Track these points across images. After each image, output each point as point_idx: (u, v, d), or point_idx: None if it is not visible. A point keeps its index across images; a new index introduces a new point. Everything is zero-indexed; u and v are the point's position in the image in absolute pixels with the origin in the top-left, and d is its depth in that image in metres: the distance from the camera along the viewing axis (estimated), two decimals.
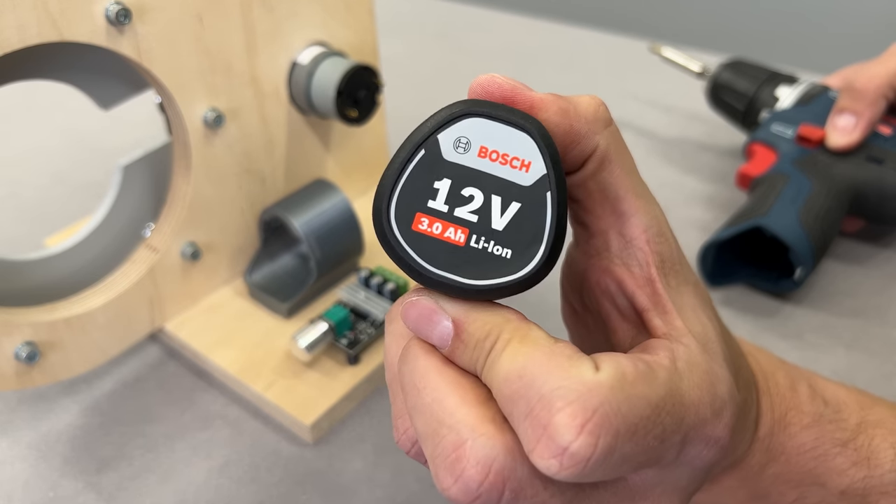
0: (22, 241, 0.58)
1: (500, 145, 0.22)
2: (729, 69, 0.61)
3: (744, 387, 0.29)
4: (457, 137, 0.23)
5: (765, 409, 0.31)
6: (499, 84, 0.24)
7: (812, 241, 0.48)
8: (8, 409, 0.45)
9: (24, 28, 0.35)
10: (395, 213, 0.23)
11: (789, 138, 0.54)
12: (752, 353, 0.32)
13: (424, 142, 0.23)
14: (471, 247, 0.23)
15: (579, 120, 0.24)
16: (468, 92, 0.24)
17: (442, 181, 0.23)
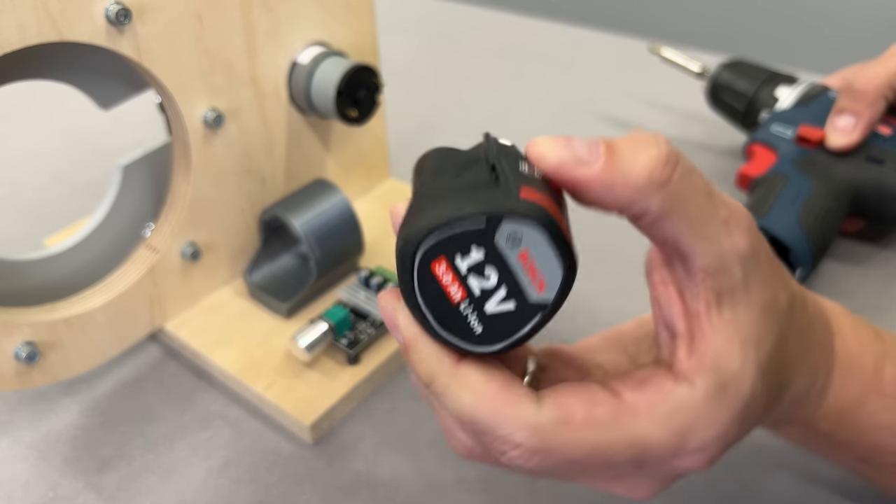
0: (22, 241, 0.58)
1: (538, 259, 0.25)
2: (729, 69, 0.61)
3: (808, 372, 0.30)
4: (513, 230, 0.24)
5: (836, 388, 0.31)
6: (545, 161, 0.26)
7: (812, 241, 0.48)
8: (8, 408, 0.45)
9: (24, 28, 0.35)
10: (428, 243, 0.25)
11: (789, 139, 0.54)
12: (847, 332, 0.32)
13: (491, 219, 0.24)
14: (458, 307, 0.26)
15: (627, 190, 0.25)
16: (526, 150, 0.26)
17: (479, 251, 0.25)
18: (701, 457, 0.26)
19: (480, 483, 0.40)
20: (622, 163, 0.25)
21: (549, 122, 0.72)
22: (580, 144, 0.26)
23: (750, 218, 0.27)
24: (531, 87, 0.78)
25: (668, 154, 0.25)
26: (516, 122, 0.72)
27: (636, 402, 0.26)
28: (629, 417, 0.25)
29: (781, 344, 0.28)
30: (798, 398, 0.31)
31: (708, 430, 0.26)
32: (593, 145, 0.26)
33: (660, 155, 0.25)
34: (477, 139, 0.32)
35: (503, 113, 0.73)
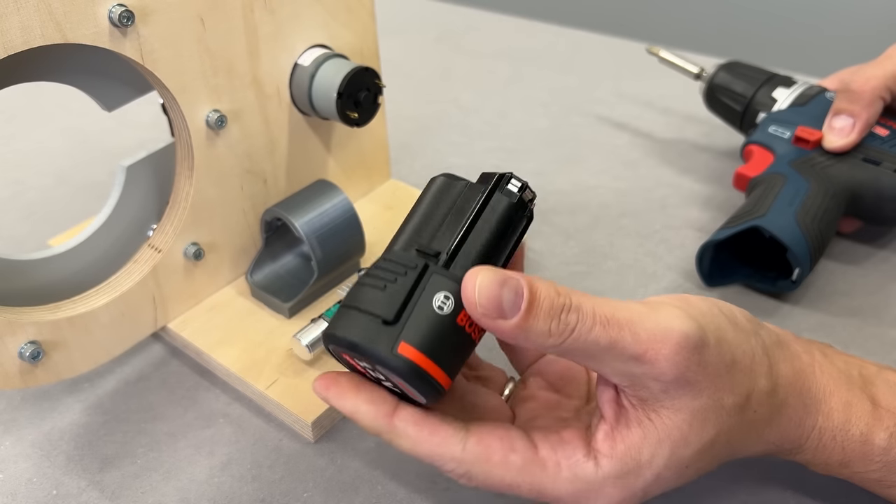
0: (26, 240, 0.59)
1: (410, 386, 0.31)
2: (726, 71, 0.62)
3: (769, 445, 0.35)
4: (387, 371, 0.31)
5: (818, 455, 0.35)
6: (472, 310, 0.30)
7: (810, 241, 0.48)
8: (12, 407, 0.45)
9: (28, 30, 0.35)
10: (333, 343, 0.32)
11: (786, 139, 0.55)
12: (835, 409, 0.34)
13: (368, 357, 0.31)
14: (375, 380, 0.33)
15: (533, 345, 0.30)
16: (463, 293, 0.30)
17: (369, 362, 0.31)
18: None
19: None
20: (532, 325, 0.29)
21: (547, 123, 0.72)
22: (507, 293, 0.29)
23: (677, 346, 0.29)
24: (530, 88, 0.78)
25: (563, 325, 0.29)
26: (515, 124, 0.72)
27: (547, 459, 0.31)
28: (537, 468, 0.31)
29: (722, 437, 0.32)
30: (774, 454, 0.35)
31: (597, 498, 0.31)
32: (517, 297, 0.29)
33: (554, 325, 0.29)
34: (475, 140, 0.33)
35: (502, 114, 0.74)
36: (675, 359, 0.29)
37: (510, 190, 0.33)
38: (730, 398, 0.31)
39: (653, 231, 0.58)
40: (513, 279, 0.29)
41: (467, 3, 0.96)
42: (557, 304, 0.29)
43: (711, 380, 0.31)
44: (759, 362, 0.33)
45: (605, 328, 0.29)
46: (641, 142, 0.69)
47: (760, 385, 0.32)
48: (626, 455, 0.31)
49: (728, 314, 0.33)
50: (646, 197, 0.62)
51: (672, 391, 0.30)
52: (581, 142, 0.69)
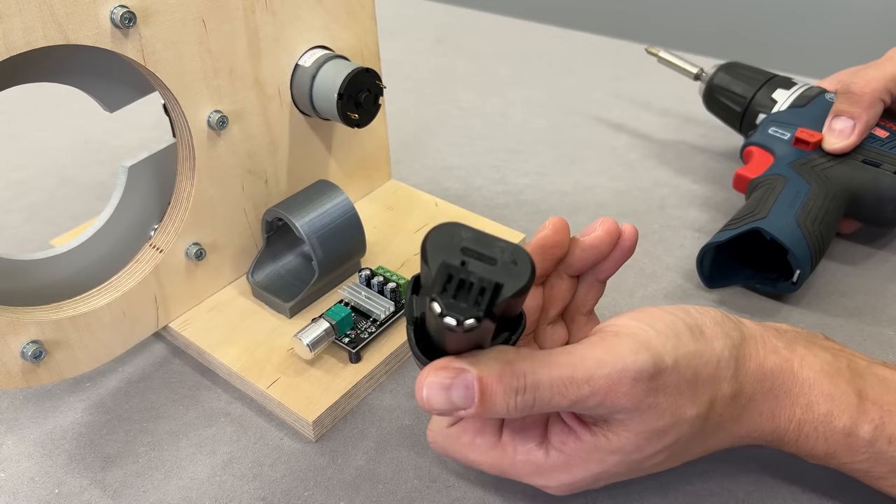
0: (28, 241, 0.59)
1: None
2: (725, 72, 0.62)
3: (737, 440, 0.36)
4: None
5: (801, 445, 0.35)
6: (430, 410, 0.31)
7: (810, 243, 0.48)
8: (14, 406, 0.45)
9: (30, 31, 0.35)
10: None
11: (786, 141, 0.55)
12: (815, 401, 0.35)
13: None
14: None
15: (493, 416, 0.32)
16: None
17: None
18: (547, 490, 0.35)
19: (481, 480, 0.40)
20: (489, 410, 0.30)
21: (546, 124, 0.73)
22: (457, 391, 0.30)
23: (633, 381, 0.31)
24: (529, 89, 0.78)
25: (521, 404, 0.30)
26: (515, 124, 0.72)
27: (507, 444, 0.35)
28: (498, 452, 0.35)
29: (682, 442, 0.33)
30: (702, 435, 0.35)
31: (548, 480, 0.35)
32: (467, 392, 0.30)
33: (511, 406, 0.30)
34: (476, 139, 0.33)
35: (502, 115, 0.74)
36: (633, 392, 0.31)
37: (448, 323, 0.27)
38: (691, 409, 0.33)
39: (651, 231, 0.58)
40: (460, 378, 0.30)
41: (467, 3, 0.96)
42: (511, 388, 0.30)
43: (672, 398, 0.32)
44: (725, 367, 0.33)
45: (563, 395, 0.31)
46: (640, 142, 0.69)
47: (724, 390, 0.33)
48: (574, 454, 0.34)
49: (693, 324, 0.34)
50: (644, 197, 0.62)
51: (635, 417, 0.32)
52: (580, 142, 0.69)
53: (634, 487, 0.39)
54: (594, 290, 0.38)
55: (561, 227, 0.36)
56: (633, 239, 0.36)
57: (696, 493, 0.39)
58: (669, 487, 0.39)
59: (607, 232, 0.36)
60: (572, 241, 0.36)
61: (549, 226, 0.35)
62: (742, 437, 0.35)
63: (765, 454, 0.41)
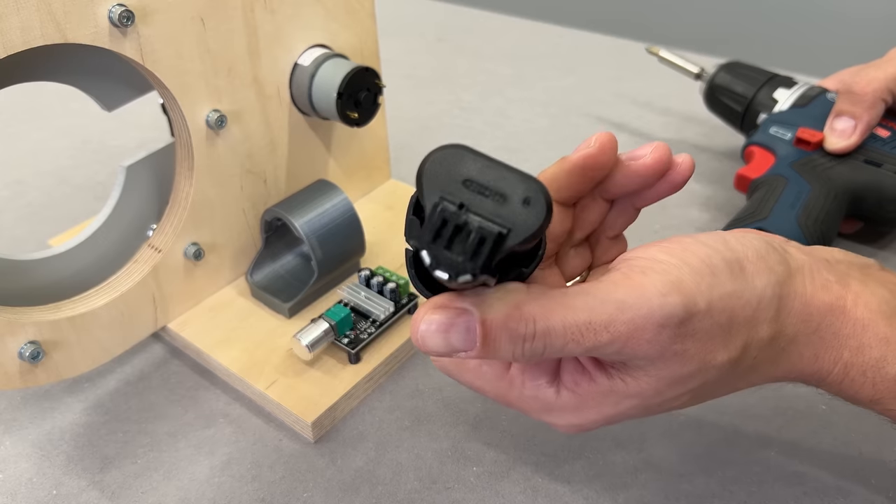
0: (26, 241, 0.59)
1: None
2: (726, 71, 0.62)
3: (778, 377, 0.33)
4: None
5: (851, 378, 0.32)
6: (427, 350, 0.28)
7: (811, 244, 0.48)
8: (12, 407, 0.45)
9: (28, 30, 0.35)
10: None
11: (788, 141, 0.55)
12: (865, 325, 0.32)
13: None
14: None
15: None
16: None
17: None
18: (554, 426, 0.33)
19: (481, 481, 0.40)
20: (493, 354, 0.28)
21: (547, 123, 0.72)
22: (456, 334, 0.27)
23: (659, 328, 0.28)
24: (530, 88, 0.78)
25: (530, 352, 0.28)
26: (516, 124, 0.72)
27: (514, 377, 0.32)
28: (504, 384, 0.32)
29: (707, 386, 0.31)
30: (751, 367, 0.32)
31: (555, 419, 0.32)
32: (468, 334, 0.27)
33: (518, 352, 0.28)
34: (477, 139, 0.32)
35: (502, 114, 0.74)
36: (656, 339, 0.28)
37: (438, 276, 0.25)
38: (722, 355, 0.29)
39: (652, 231, 0.58)
40: (461, 320, 0.27)
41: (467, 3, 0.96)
42: (518, 335, 0.27)
43: (702, 344, 0.29)
44: (766, 307, 0.30)
45: (578, 343, 0.27)
46: (641, 142, 0.69)
47: (761, 333, 0.30)
48: (587, 396, 0.31)
49: (732, 258, 0.30)
50: None
51: (658, 363, 0.29)
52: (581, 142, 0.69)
53: (636, 487, 0.39)
54: (626, 214, 0.35)
55: (609, 147, 0.32)
56: (686, 174, 0.32)
57: (698, 493, 0.39)
58: (671, 487, 0.39)
59: (658, 160, 0.32)
60: (617, 163, 0.33)
61: (596, 143, 0.32)
62: (775, 378, 0.32)
63: (767, 456, 0.41)
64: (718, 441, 0.42)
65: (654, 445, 0.41)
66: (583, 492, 0.39)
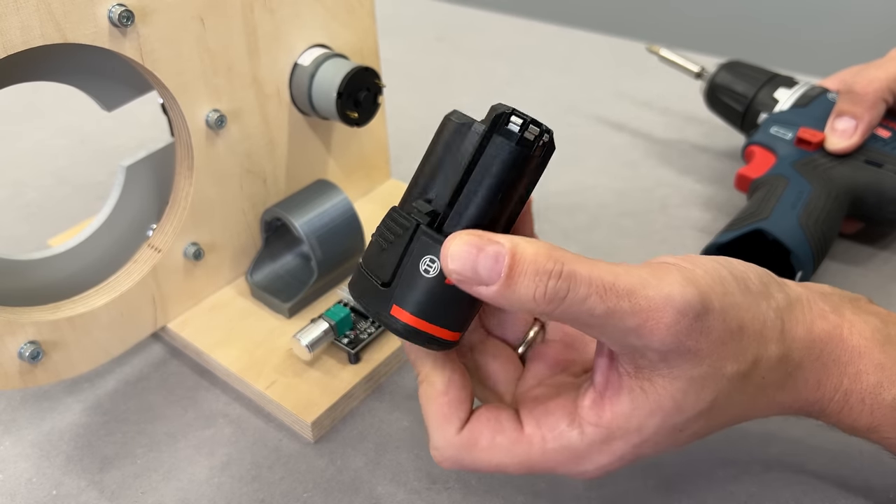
0: (25, 240, 0.59)
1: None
2: (727, 70, 0.61)
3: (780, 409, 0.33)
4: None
5: (843, 417, 0.33)
6: (450, 272, 0.28)
7: (812, 244, 0.48)
8: (11, 407, 0.45)
9: (28, 29, 0.35)
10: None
11: (788, 140, 0.55)
12: (864, 371, 0.33)
13: (376, 319, 0.32)
14: None
15: (520, 309, 0.29)
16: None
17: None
18: (585, 477, 0.32)
19: (481, 482, 0.40)
20: (514, 291, 0.27)
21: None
22: (485, 260, 0.27)
23: (678, 314, 0.28)
24: (529, 88, 0.78)
25: (552, 293, 0.27)
26: None
27: (532, 435, 0.31)
28: (524, 446, 0.31)
29: (720, 403, 0.31)
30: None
31: (586, 465, 0.31)
32: (496, 264, 0.27)
33: (540, 292, 0.27)
34: None
35: None
36: (676, 328, 0.28)
37: (509, 130, 0.30)
38: (732, 366, 0.30)
39: (653, 231, 0.58)
40: (493, 245, 0.27)
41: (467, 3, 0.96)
42: (545, 270, 0.27)
43: (714, 347, 0.29)
44: (771, 327, 0.31)
45: (601, 298, 0.27)
46: (641, 142, 0.69)
47: (770, 351, 0.31)
48: (613, 423, 0.30)
49: (739, 276, 0.31)
50: (646, 197, 0.62)
51: (671, 360, 0.29)
52: (580, 141, 0.69)
53: (636, 490, 0.39)
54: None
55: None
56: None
57: (700, 495, 0.39)
58: (672, 490, 0.39)
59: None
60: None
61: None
62: (783, 407, 0.33)
63: (768, 456, 0.40)
64: (718, 441, 0.41)
65: None
66: (582, 492, 0.39)
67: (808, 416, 0.34)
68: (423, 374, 0.33)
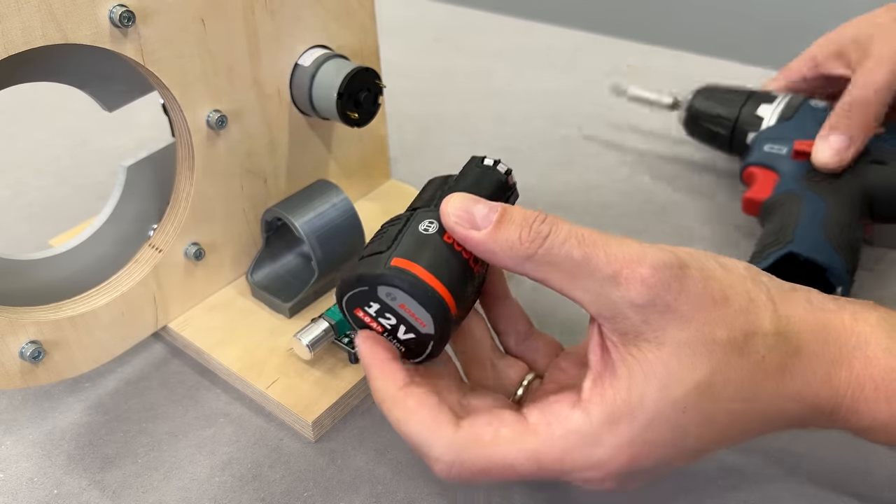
0: (27, 240, 0.59)
1: (412, 307, 0.32)
2: (703, 96, 0.60)
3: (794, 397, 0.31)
4: (388, 290, 0.32)
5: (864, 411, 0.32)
6: (446, 219, 0.32)
7: (844, 256, 0.47)
8: (13, 407, 0.45)
9: (29, 30, 0.35)
10: (343, 300, 0.34)
11: (785, 155, 0.53)
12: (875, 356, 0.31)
13: (371, 283, 0.33)
14: (384, 335, 0.35)
15: (503, 257, 0.31)
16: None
17: (374, 304, 0.33)
18: (598, 473, 0.30)
19: None
20: (502, 233, 0.30)
21: (546, 123, 0.72)
22: (480, 209, 0.31)
23: (653, 267, 0.29)
24: (529, 89, 0.78)
25: (535, 233, 0.30)
26: (515, 124, 0.72)
27: (538, 423, 0.30)
28: (529, 436, 0.30)
29: (720, 377, 0.29)
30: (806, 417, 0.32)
31: (594, 450, 0.29)
32: (489, 212, 0.31)
33: (525, 234, 0.30)
34: (475, 140, 0.35)
35: (502, 115, 0.74)
36: (651, 280, 0.29)
37: (487, 164, 0.37)
38: (723, 332, 0.29)
39: (654, 232, 0.58)
40: (487, 203, 0.32)
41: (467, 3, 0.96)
42: (530, 216, 0.30)
43: (697, 309, 0.29)
44: (762, 306, 0.30)
45: (579, 243, 0.29)
46: (641, 142, 0.69)
47: (764, 326, 0.30)
48: (615, 398, 0.29)
49: (721, 259, 0.31)
50: (646, 198, 0.62)
51: (653, 320, 0.29)
52: (581, 142, 0.69)
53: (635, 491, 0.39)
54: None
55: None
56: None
57: (698, 493, 0.39)
58: (669, 486, 0.39)
59: None
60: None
61: None
62: (795, 398, 0.31)
63: (767, 453, 0.41)
64: None
65: None
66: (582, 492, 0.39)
67: (827, 418, 0.32)
68: (389, 399, 0.32)
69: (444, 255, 0.32)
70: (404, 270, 0.32)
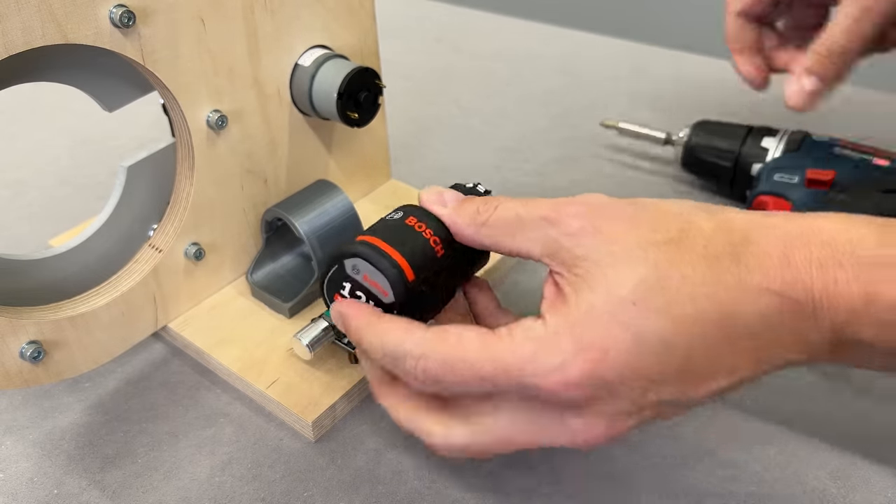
0: (26, 240, 0.59)
1: (374, 276, 0.36)
2: (701, 130, 0.61)
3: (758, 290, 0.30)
4: (352, 263, 0.37)
5: (841, 291, 0.30)
6: (421, 199, 0.38)
7: None
8: (13, 407, 0.45)
9: (29, 30, 0.35)
10: (327, 286, 0.39)
11: (798, 184, 0.54)
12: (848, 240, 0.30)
13: (338, 259, 0.37)
14: None
15: (466, 231, 0.36)
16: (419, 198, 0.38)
17: (347, 284, 0.37)
18: (560, 377, 0.30)
19: (481, 481, 0.40)
20: (462, 208, 0.36)
21: (547, 123, 0.72)
22: (449, 194, 0.38)
23: (580, 203, 0.33)
24: (529, 89, 0.78)
25: (489, 205, 0.35)
26: (515, 124, 0.72)
27: (501, 331, 0.32)
28: (494, 339, 0.32)
29: (662, 267, 0.30)
30: (784, 320, 0.30)
31: (553, 355, 0.30)
32: (456, 196, 0.37)
33: (482, 207, 0.36)
34: (475, 140, 0.35)
35: (501, 115, 0.74)
36: (581, 210, 0.33)
37: (469, 187, 0.41)
38: (656, 235, 0.31)
39: None
40: (458, 193, 0.38)
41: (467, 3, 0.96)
42: (487, 199, 0.36)
43: (628, 225, 0.32)
44: (692, 211, 0.32)
45: (522, 205, 0.34)
46: (642, 142, 0.69)
47: (699, 222, 0.31)
48: (567, 310, 0.31)
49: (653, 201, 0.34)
50: None
51: (586, 242, 0.32)
52: (581, 142, 0.69)
53: (634, 486, 0.39)
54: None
55: None
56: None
57: (698, 492, 0.39)
58: (669, 486, 0.39)
59: None
60: None
61: None
62: (764, 293, 0.29)
63: (767, 453, 0.41)
64: (718, 439, 0.42)
65: (651, 443, 0.41)
66: (581, 490, 0.39)
67: (811, 320, 0.30)
68: (364, 325, 0.35)
69: (403, 232, 0.36)
70: (364, 241, 0.36)
